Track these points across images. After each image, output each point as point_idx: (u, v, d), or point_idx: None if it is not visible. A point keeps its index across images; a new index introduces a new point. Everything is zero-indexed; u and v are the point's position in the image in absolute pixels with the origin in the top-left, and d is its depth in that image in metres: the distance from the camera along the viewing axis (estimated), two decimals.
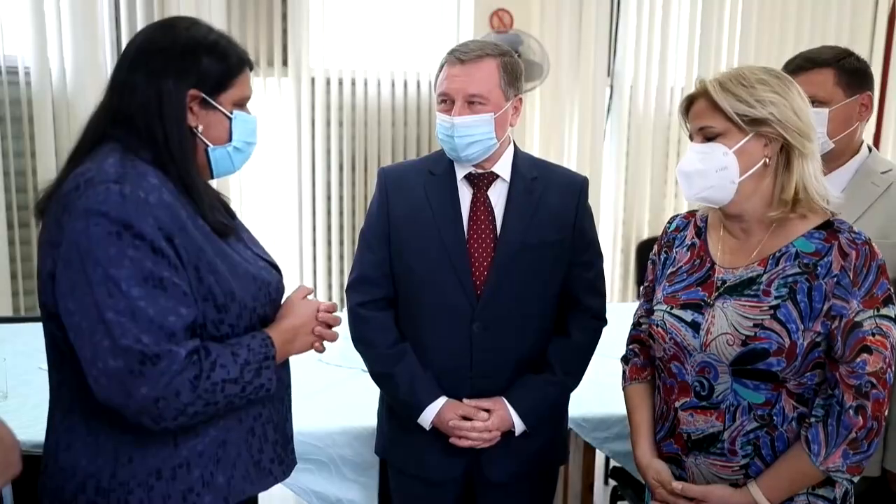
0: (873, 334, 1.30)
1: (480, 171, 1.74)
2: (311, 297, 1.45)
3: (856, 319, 1.30)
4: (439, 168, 1.76)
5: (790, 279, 1.35)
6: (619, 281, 4.46)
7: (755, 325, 1.35)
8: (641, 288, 1.67)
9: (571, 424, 2.10)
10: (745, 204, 1.39)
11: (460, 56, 1.66)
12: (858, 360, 1.30)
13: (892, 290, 1.33)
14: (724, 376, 1.38)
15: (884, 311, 1.31)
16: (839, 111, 1.74)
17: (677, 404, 1.45)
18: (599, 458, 2.51)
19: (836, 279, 1.31)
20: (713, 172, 1.36)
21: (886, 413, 1.31)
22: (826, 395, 1.34)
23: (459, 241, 1.71)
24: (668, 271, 1.54)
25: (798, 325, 1.32)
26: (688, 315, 1.44)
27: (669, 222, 1.63)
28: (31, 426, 1.88)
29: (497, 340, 1.73)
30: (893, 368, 1.32)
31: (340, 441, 2.03)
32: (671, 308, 1.47)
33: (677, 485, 1.45)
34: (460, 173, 1.75)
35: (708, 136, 1.37)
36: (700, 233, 1.53)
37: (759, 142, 1.35)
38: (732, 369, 1.37)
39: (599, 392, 2.23)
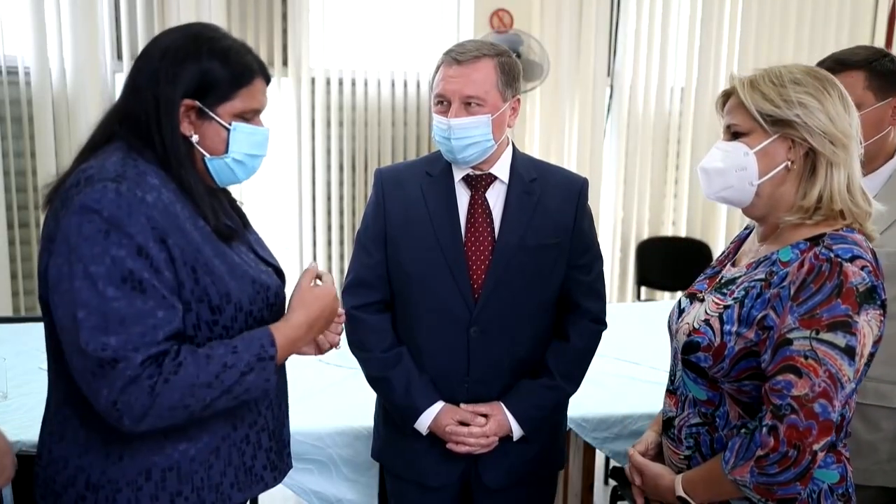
0: (805, 357, 1.20)
1: (478, 172, 1.72)
2: (320, 281, 1.39)
3: (787, 336, 1.22)
4: (436, 169, 1.74)
5: (751, 283, 1.31)
6: (618, 281, 4.45)
7: (704, 320, 1.35)
8: None
9: (571, 424, 2.10)
10: (765, 208, 1.34)
11: (457, 56, 1.64)
12: (781, 378, 1.21)
13: (852, 318, 1.20)
14: (680, 364, 1.41)
15: (825, 336, 1.20)
16: (869, 115, 1.66)
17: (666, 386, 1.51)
18: (599, 458, 2.51)
19: (780, 290, 1.25)
20: (733, 172, 1.32)
21: (816, 447, 1.20)
22: (762, 409, 1.28)
23: (456, 244, 1.69)
24: (711, 264, 1.56)
25: (733, 328, 1.30)
26: (685, 303, 1.48)
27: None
28: (32, 426, 1.88)
29: (494, 345, 1.71)
30: (836, 401, 1.20)
31: (340, 441, 2.03)
32: (684, 295, 1.51)
33: (630, 450, 1.51)
34: (458, 175, 1.72)
35: (734, 135, 1.33)
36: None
37: (783, 144, 1.29)
38: (682, 358, 1.39)
39: (599, 392, 2.23)
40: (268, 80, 1.34)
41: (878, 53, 1.73)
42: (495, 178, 1.73)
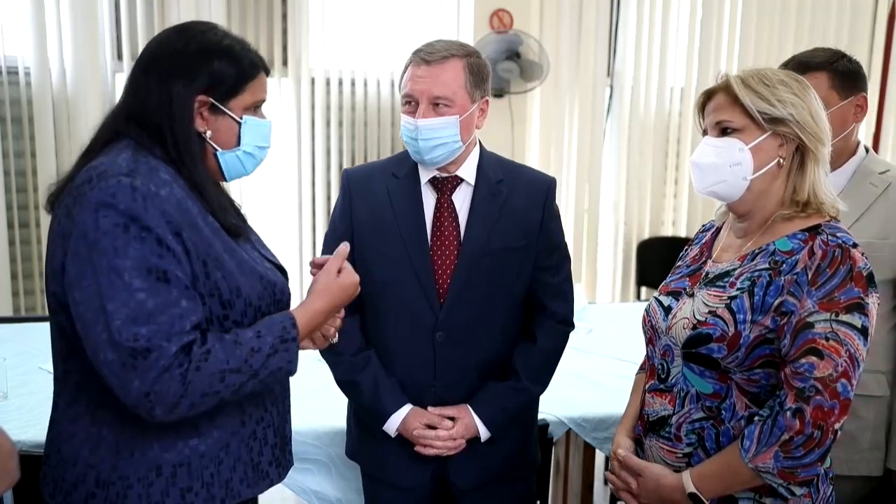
0: (826, 339, 1.24)
1: (444, 175, 1.70)
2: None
3: (807, 320, 1.26)
4: (403, 170, 1.73)
5: (755, 273, 1.34)
6: (618, 281, 4.45)
7: (709, 312, 1.36)
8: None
9: (571, 424, 2.10)
10: (753, 203, 1.38)
11: (425, 56, 1.62)
12: (804, 361, 1.25)
13: (864, 300, 1.26)
14: (678, 360, 1.41)
15: (844, 318, 1.25)
16: (835, 114, 1.72)
17: (646, 386, 1.49)
18: (599, 458, 2.51)
19: (795, 276, 1.29)
20: (727, 167, 1.35)
21: (837, 426, 1.24)
22: (775, 396, 1.30)
23: (422, 248, 1.68)
24: (676, 265, 1.57)
25: (747, 317, 1.31)
26: (667, 301, 1.48)
27: (703, 225, 1.64)
28: (32, 426, 1.88)
29: (460, 349, 1.70)
30: (854, 380, 1.25)
31: (340, 441, 2.03)
32: (659, 295, 1.51)
33: (621, 451, 1.48)
34: (424, 177, 1.71)
35: (724, 131, 1.37)
36: (717, 232, 1.54)
37: (775, 141, 1.34)
38: (683, 352, 1.39)
39: (599, 392, 2.24)
40: (267, 72, 1.39)
41: (837, 55, 1.80)
42: (462, 180, 1.71)
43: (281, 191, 3.97)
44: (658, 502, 1.41)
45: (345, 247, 1.41)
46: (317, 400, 2.16)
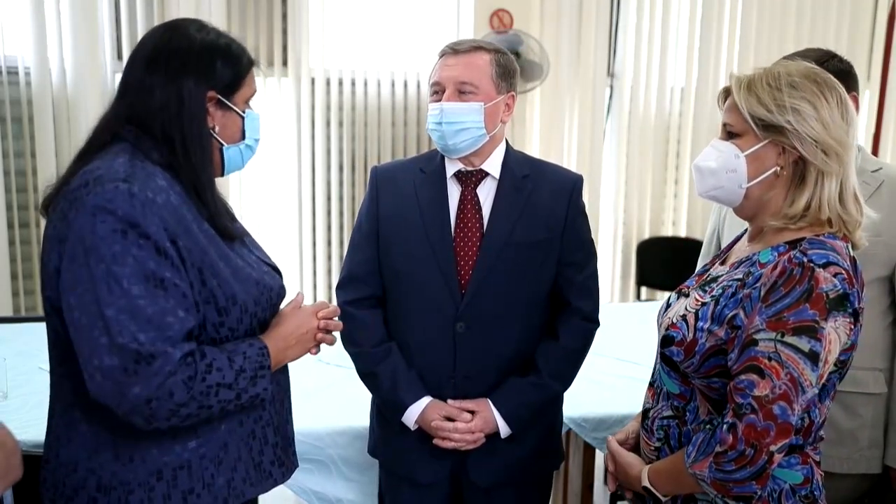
0: (769, 358, 1.20)
1: (470, 168, 1.73)
2: (305, 302, 1.45)
3: (753, 336, 1.22)
4: (430, 166, 1.76)
5: (729, 283, 1.32)
6: (618, 281, 4.46)
7: (682, 316, 1.35)
8: None
9: (571, 424, 2.10)
10: (755, 209, 1.34)
11: (454, 47, 1.70)
12: (745, 378, 1.22)
13: (818, 324, 1.19)
14: (658, 357, 1.43)
15: (790, 340, 1.19)
16: None
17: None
18: (599, 458, 2.51)
19: (751, 291, 1.26)
20: (724, 173, 1.32)
21: (774, 448, 1.20)
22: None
23: (445, 239, 1.70)
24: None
25: (705, 325, 1.30)
26: (672, 298, 1.49)
27: None
28: (32, 426, 1.88)
29: (481, 341, 1.71)
30: (797, 405, 1.20)
31: (340, 441, 2.03)
32: (675, 292, 1.51)
33: (609, 437, 1.56)
34: (450, 171, 1.74)
35: (729, 134, 1.33)
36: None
37: (773, 150, 1.28)
38: (659, 351, 1.41)
39: (599, 392, 2.24)
40: (256, 64, 1.41)
41: (828, 54, 1.79)
42: (487, 174, 1.74)
43: (281, 191, 3.97)
44: (629, 486, 1.48)
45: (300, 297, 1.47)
46: (317, 400, 2.17)
